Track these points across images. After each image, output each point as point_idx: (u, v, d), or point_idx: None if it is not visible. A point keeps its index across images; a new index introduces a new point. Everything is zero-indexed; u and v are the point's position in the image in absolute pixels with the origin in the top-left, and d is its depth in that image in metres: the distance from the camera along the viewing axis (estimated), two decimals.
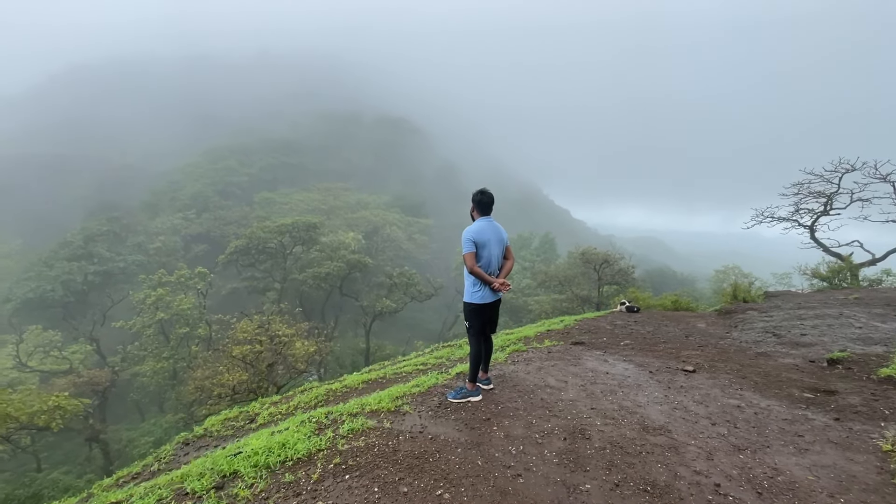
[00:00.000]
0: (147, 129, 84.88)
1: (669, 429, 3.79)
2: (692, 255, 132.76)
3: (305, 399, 6.89)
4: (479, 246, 4.21)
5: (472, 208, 4.43)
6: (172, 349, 25.99)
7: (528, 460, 3.25)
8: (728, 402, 4.46)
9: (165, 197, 59.27)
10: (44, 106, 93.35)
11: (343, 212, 54.02)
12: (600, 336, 8.12)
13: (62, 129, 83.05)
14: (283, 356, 18.03)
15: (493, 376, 5.08)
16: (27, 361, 24.65)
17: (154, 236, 46.48)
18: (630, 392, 4.68)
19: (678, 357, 6.38)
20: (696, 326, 9.71)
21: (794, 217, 17.97)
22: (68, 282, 35.77)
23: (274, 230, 33.63)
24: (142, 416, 27.15)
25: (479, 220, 4.34)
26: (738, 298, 13.27)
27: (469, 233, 4.21)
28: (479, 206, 4.37)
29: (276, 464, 3.29)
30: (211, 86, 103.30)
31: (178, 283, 27.79)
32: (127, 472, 5.71)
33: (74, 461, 20.86)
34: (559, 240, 53.40)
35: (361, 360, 29.13)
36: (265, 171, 69.43)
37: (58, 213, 56.89)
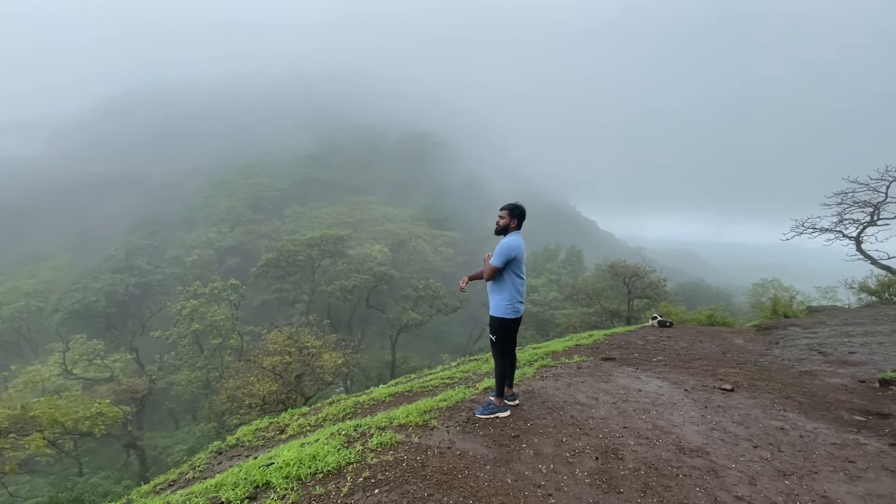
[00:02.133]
0: (186, 148, 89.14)
1: (707, 450, 3.63)
2: (727, 267, 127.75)
3: (334, 411, 6.95)
4: (518, 262, 4.16)
5: (509, 221, 4.27)
6: (206, 359, 26.80)
7: (559, 480, 3.18)
8: (770, 423, 4.25)
9: (201, 212, 61.84)
10: (94, 128, 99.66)
11: (370, 225, 54.88)
12: (632, 352, 7.90)
13: (109, 148, 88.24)
14: (311, 367, 18.31)
15: (521, 391, 5.01)
16: (72, 369, 25.91)
17: (190, 249, 48.42)
18: (664, 411, 4.52)
19: (715, 375, 6.13)
20: (734, 343, 9.32)
21: (838, 228, 17.11)
22: (111, 293, 37.56)
23: (303, 243, 34.46)
24: (176, 424, 28.00)
25: (515, 234, 4.25)
26: (779, 313, 12.68)
27: (512, 250, 4.11)
28: (521, 219, 4.29)
29: (307, 476, 3.33)
30: (244, 105, 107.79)
31: (212, 294, 28.77)
32: (164, 480, 5.89)
33: (113, 466, 21.66)
34: (586, 252, 52.51)
35: (387, 372, 29.22)
36: (295, 186, 71.53)
37: (104, 229, 60.11)
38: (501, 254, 4.12)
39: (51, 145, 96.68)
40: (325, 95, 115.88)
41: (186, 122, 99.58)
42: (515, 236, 4.23)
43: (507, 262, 4.12)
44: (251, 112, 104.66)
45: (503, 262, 4.11)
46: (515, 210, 4.28)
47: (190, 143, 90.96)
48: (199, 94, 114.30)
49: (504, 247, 4.14)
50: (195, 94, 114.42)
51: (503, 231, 4.30)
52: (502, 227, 4.31)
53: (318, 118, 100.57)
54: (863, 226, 16.59)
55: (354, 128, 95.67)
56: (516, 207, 4.30)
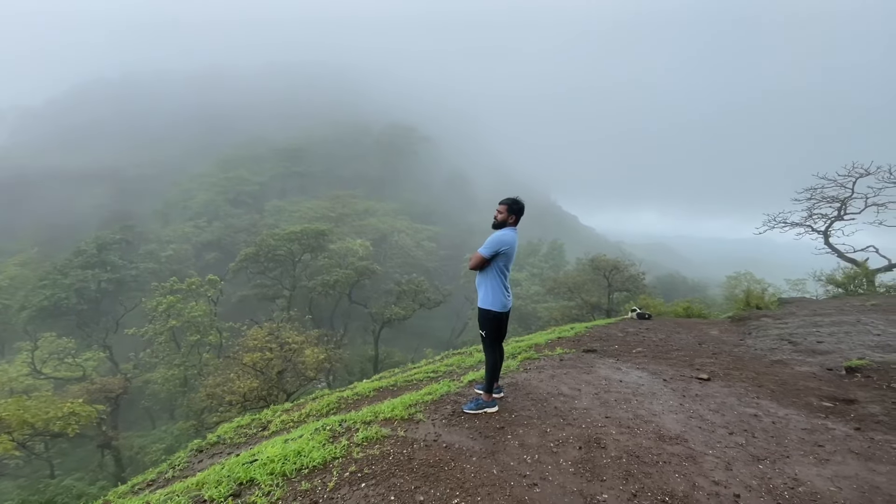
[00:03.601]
0: (159, 139, 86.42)
1: (686, 438, 3.75)
2: (703, 261, 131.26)
3: (317, 407, 6.90)
4: (507, 257, 4.14)
5: (507, 216, 4.22)
6: (184, 356, 26.20)
7: (544, 469, 3.23)
8: (745, 410, 4.41)
9: (177, 206, 60.16)
10: (61, 118, 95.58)
11: (351, 219, 54.30)
12: (612, 343, 8.06)
13: (77, 140, 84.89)
14: (293, 363, 18.13)
15: (506, 384, 5.06)
16: (42, 368, 25.01)
17: (166, 244, 47.11)
18: (644, 400, 4.64)
19: (692, 365, 6.31)
20: (709, 334, 9.60)
21: (808, 222, 17.75)
22: (82, 289, 36.27)
23: (283, 238, 33.91)
24: (153, 423, 27.35)
25: (511, 229, 4.21)
26: (752, 305, 13.10)
27: (503, 244, 4.08)
28: (519, 214, 4.24)
29: (291, 472, 3.31)
30: (221, 97, 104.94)
31: (190, 290, 28.07)
32: (142, 480, 5.75)
33: (87, 467, 21.04)
34: (567, 246, 53.13)
35: (370, 367, 29.11)
36: (275, 180, 70.21)
37: (73, 223, 57.90)
38: (491, 244, 4.09)
39: (15, 136, 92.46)
40: (306, 88, 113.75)
41: (160, 113, 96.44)
42: (510, 231, 4.20)
43: (496, 255, 4.11)
44: (229, 104, 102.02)
45: (491, 253, 4.08)
46: (514, 205, 4.22)
47: (164, 136, 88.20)
48: (173, 85, 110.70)
49: (496, 238, 4.12)
50: (169, 85, 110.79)
51: (501, 226, 4.24)
52: (500, 222, 4.25)
53: (299, 111, 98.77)
54: (830, 220, 17.25)
55: (336, 121, 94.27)
56: (515, 203, 4.23)
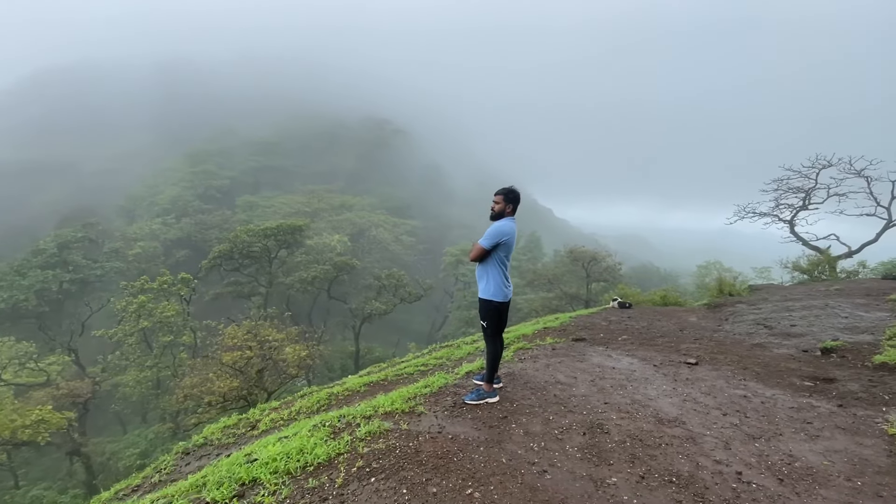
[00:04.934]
0: (122, 132, 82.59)
1: (684, 420, 3.86)
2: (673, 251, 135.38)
3: (307, 404, 6.77)
4: (507, 247, 4.14)
5: (504, 206, 4.19)
6: (156, 358, 25.32)
7: (552, 456, 3.26)
8: (734, 392, 4.57)
9: (143, 202, 57.78)
10: (12, 110, 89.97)
11: (328, 214, 53.41)
12: (598, 332, 8.22)
13: (32, 133, 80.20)
14: (273, 361, 17.76)
15: (503, 374, 5.08)
16: (1, 374, 23.67)
17: (132, 242, 45.16)
18: (639, 386, 4.75)
19: (678, 350, 6.50)
20: (688, 320, 9.91)
21: (775, 212, 18.53)
22: (42, 291, 34.48)
23: (258, 234, 33.07)
24: (124, 427, 26.37)
25: (509, 219, 4.19)
26: (724, 293, 13.60)
27: (503, 234, 4.08)
28: (516, 204, 4.21)
29: (296, 469, 3.23)
30: (189, 87, 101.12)
31: (161, 289, 27.05)
32: (126, 485, 5.53)
33: (55, 476, 20.16)
34: (543, 239, 53.78)
35: (351, 363, 28.88)
36: (246, 174, 68.27)
37: (29, 220, 54.84)
38: (491, 235, 4.09)
39: None
40: (278, 80, 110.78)
41: (123, 104, 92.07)
42: (509, 221, 4.18)
43: (496, 246, 4.11)
44: (196, 95, 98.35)
45: (491, 245, 4.08)
46: (510, 195, 4.20)
47: (127, 127, 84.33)
48: (136, 75, 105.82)
49: (495, 229, 4.11)
50: (132, 75, 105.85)
51: (499, 216, 4.22)
52: (497, 213, 4.22)
53: (271, 104, 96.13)
54: (796, 210, 18.06)
55: (310, 114, 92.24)
56: (511, 192, 4.21)
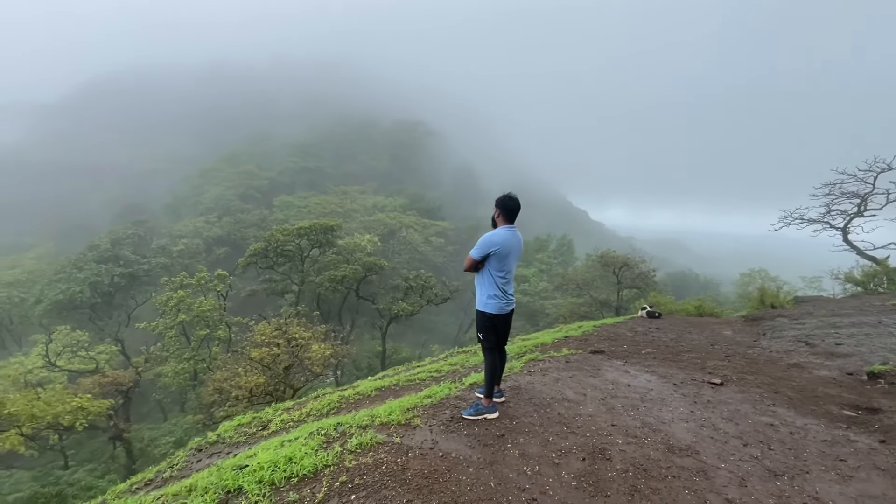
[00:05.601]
0: (169, 135, 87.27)
1: (697, 449, 3.54)
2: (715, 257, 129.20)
3: (318, 406, 6.80)
4: (500, 258, 3.96)
5: (495, 213, 4.10)
6: (193, 350, 26.43)
7: (545, 483, 3.06)
8: (760, 419, 4.18)
9: (188, 201, 60.78)
10: (73, 115, 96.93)
11: (360, 215, 54.34)
12: (620, 344, 7.84)
13: (90, 136, 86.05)
14: (299, 359, 18.11)
15: (508, 387, 4.88)
16: (56, 361, 25.41)
17: (177, 239, 47.57)
18: (653, 407, 4.43)
19: (704, 368, 6.07)
20: (722, 334, 9.32)
21: (825, 219, 17.21)
22: (96, 283, 36.80)
23: (292, 233, 33.95)
24: (164, 415, 27.72)
25: (504, 228, 4.04)
26: (766, 304, 12.74)
27: (492, 245, 3.92)
28: (507, 212, 4.05)
29: (280, 480, 3.18)
30: (231, 92, 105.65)
31: (199, 285, 28.28)
32: (141, 479, 5.70)
33: (99, 459, 21.36)
34: (577, 242, 52.61)
35: (378, 362, 29.15)
36: (284, 175, 70.54)
37: (87, 217, 58.86)
38: (480, 246, 3.97)
39: (30, 132, 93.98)
40: (314, 84, 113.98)
41: (169, 108, 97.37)
42: (503, 231, 4.03)
43: (487, 256, 3.96)
44: (237, 99, 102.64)
45: (480, 255, 3.96)
46: (502, 202, 4.07)
47: (174, 130, 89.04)
48: (181, 80, 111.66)
49: (485, 239, 3.99)
50: (178, 80, 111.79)
51: (494, 224, 4.14)
52: (493, 220, 4.15)
53: (307, 106, 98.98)
54: (850, 217, 16.70)
55: (344, 116, 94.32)
56: (506, 199, 4.08)
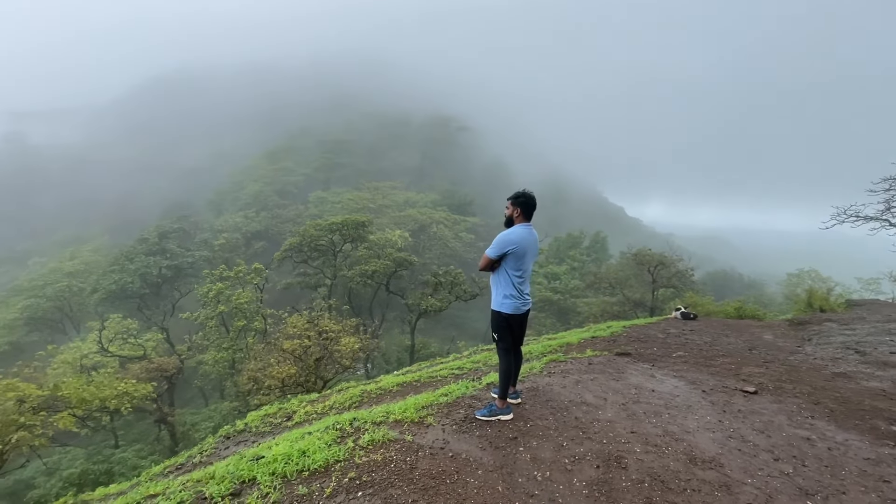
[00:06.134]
0: (213, 134, 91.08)
1: (722, 462, 3.34)
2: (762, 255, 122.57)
3: (340, 399, 6.93)
4: (517, 257, 3.87)
5: (512, 211, 4.00)
6: (231, 340, 27.58)
7: (555, 489, 2.97)
8: (795, 432, 3.90)
9: (229, 196, 63.30)
10: (126, 115, 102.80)
11: (391, 210, 54.93)
12: (650, 346, 7.54)
13: (142, 136, 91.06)
14: (329, 352, 18.55)
15: (526, 388, 4.79)
16: (108, 347, 27.16)
17: (218, 233, 49.70)
18: (678, 414, 4.23)
19: (738, 374, 5.75)
20: (762, 338, 8.81)
21: (885, 216, 15.89)
22: (145, 275, 38.98)
23: (325, 228, 34.74)
24: (205, 401, 29.14)
25: (520, 226, 3.95)
26: (814, 307, 11.98)
27: (510, 243, 3.83)
28: (526, 209, 3.96)
29: (292, 473, 3.24)
30: (270, 91, 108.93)
31: (237, 278, 29.44)
32: (173, 463, 6.01)
33: (146, 440, 22.72)
34: (612, 239, 51.19)
35: (407, 357, 29.47)
36: (319, 171, 72.21)
37: (138, 212, 62.42)
38: (497, 245, 3.88)
39: (87, 132, 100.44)
40: (349, 81, 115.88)
41: (213, 107, 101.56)
42: (520, 229, 3.93)
43: (504, 255, 3.87)
44: (276, 97, 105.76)
45: (497, 254, 3.87)
46: (518, 199, 3.97)
47: (216, 129, 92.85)
48: (224, 81, 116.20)
49: (501, 238, 3.90)
50: (221, 81, 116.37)
51: (510, 222, 4.04)
52: (508, 219, 4.04)
53: (342, 104, 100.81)
54: None
55: (377, 113, 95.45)
56: (520, 196, 3.98)
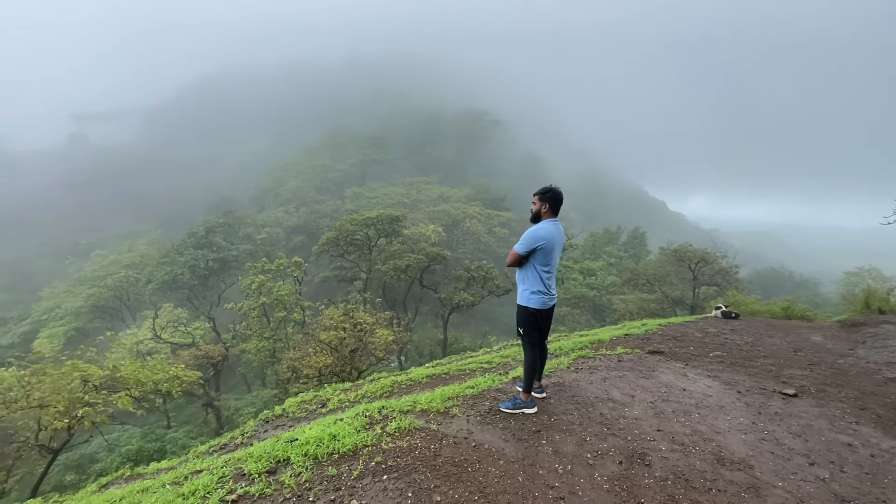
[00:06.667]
0: (254, 131, 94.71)
1: (752, 464, 3.26)
2: (818, 253, 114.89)
3: (372, 389, 7.15)
4: (545, 252, 3.88)
5: (540, 207, 3.98)
6: (272, 331, 28.79)
7: (575, 482, 3.00)
8: (836, 437, 3.73)
9: (270, 192, 65.77)
10: (175, 116, 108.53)
11: (425, 205, 55.37)
12: (686, 345, 7.33)
13: (189, 135, 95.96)
14: (364, 343, 19.05)
15: (552, 383, 4.80)
16: (161, 334, 29.03)
17: (260, 228, 51.81)
18: (709, 414, 4.13)
19: (778, 376, 5.51)
20: (810, 339, 8.36)
21: None
22: (194, 267, 41.24)
23: (360, 223, 35.50)
24: (248, 387, 30.62)
25: (548, 221, 3.95)
26: (872, 308, 11.18)
27: (539, 239, 3.84)
28: (554, 204, 3.95)
29: (323, 455, 3.42)
30: (308, 90, 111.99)
31: (278, 271, 30.64)
32: (217, 443, 6.41)
33: (195, 422, 24.19)
34: (652, 234, 49.49)
35: (439, 350, 29.78)
36: (355, 167, 73.74)
37: (187, 207, 66.00)
38: (526, 240, 3.89)
39: (142, 132, 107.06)
40: (385, 78, 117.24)
41: (254, 106, 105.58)
42: (548, 224, 3.93)
43: (533, 251, 3.89)
44: (314, 95, 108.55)
45: (526, 250, 3.88)
46: (547, 194, 3.96)
47: (258, 126, 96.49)
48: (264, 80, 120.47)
49: (531, 233, 3.90)
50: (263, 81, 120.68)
51: (537, 218, 4.03)
52: (535, 214, 4.04)
53: (377, 101, 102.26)
54: None
55: (412, 109, 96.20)
56: (548, 191, 3.97)
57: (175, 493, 3.22)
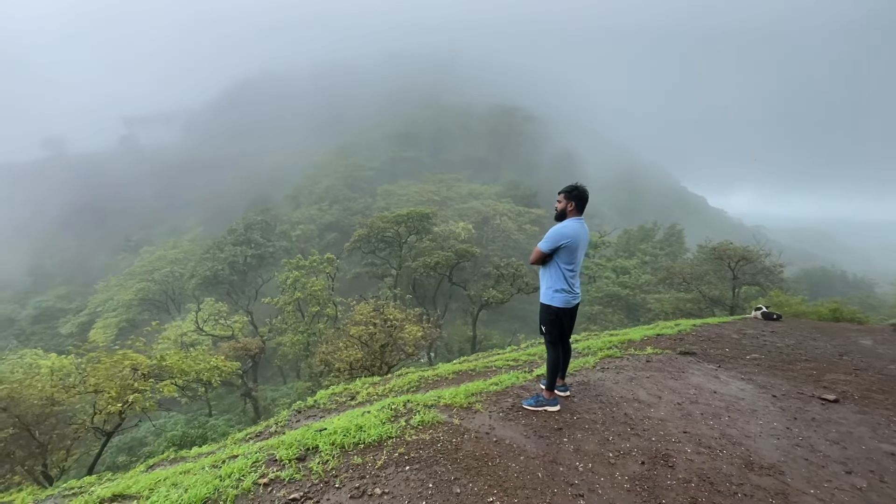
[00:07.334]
0: (289, 131, 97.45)
1: (782, 470, 3.16)
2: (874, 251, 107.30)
3: (400, 383, 7.33)
4: (570, 251, 3.88)
5: (565, 205, 3.96)
6: (306, 325, 29.70)
7: (595, 481, 3.01)
8: (878, 446, 3.55)
9: (304, 190, 67.60)
10: (217, 117, 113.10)
11: (455, 202, 55.47)
12: (721, 346, 7.09)
13: (230, 135, 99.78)
14: (393, 339, 19.37)
15: (576, 382, 4.78)
16: (203, 327, 30.50)
17: (295, 225, 53.43)
18: (739, 418, 4.01)
19: (818, 381, 5.26)
20: (859, 343, 7.89)
21: None
22: (233, 262, 43.01)
23: (391, 220, 35.99)
24: (284, 379, 31.77)
25: (573, 220, 3.93)
26: None
27: (564, 237, 3.84)
28: (579, 202, 3.94)
29: (349, 445, 3.57)
30: (341, 89, 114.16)
31: (311, 267, 31.54)
32: (253, 431, 6.75)
33: (234, 411, 25.36)
34: (691, 231, 47.68)
35: (468, 347, 29.87)
36: (386, 165, 74.67)
37: (228, 204, 68.79)
38: (550, 238, 3.89)
39: (186, 133, 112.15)
40: (417, 76, 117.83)
41: (289, 106, 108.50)
42: (572, 222, 3.92)
43: (557, 249, 3.89)
44: (347, 94, 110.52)
45: (550, 248, 3.88)
46: (573, 192, 3.94)
47: (293, 126, 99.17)
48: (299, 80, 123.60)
49: (555, 231, 3.90)
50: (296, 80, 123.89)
51: (562, 216, 4.02)
52: (560, 212, 4.02)
53: (408, 98, 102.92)
54: None
55: (443, 106, 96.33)
56: (574, 189, 3.96)
57: (213, 475, 3.45)
